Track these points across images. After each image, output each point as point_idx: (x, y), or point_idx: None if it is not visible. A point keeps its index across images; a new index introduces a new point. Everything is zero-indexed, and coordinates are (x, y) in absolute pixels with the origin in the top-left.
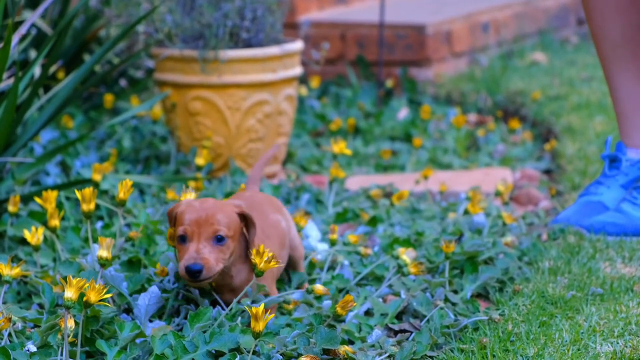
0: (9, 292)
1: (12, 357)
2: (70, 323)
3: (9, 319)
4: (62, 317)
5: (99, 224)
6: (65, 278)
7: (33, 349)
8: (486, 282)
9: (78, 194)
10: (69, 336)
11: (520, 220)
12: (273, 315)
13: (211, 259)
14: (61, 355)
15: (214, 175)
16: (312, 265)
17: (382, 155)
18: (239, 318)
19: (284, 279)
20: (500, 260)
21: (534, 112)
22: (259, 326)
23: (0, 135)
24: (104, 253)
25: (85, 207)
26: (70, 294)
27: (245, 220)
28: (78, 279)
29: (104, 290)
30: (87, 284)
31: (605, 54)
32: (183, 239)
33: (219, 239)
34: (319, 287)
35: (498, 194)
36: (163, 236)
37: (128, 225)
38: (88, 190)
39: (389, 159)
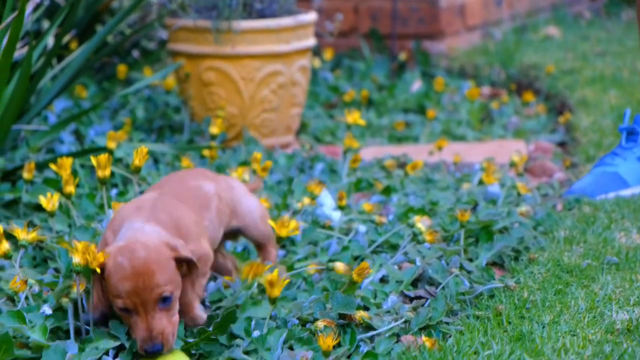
0: (25, 257)
1: (27, 320)
2: (82, 287)
3: (25, 282)
4: (75, 281)
5: (114, 192)
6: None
7: (48, 311)
8: (501, 251)
9: (93, 160)
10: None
11: (535, 191)
12: (288, 281)
13: (167, 329)
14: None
15: (228, 144)
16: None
17: (395, 126)
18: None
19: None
20: (515, 229)
21: (547, 86)
22: (275, 292)
23: (15, 103)
24: None
25: (100, 173)
26: (78, 259)
27: (183, 261)
28: (84, 243)
29: None
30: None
31: None
32: (125, 310)
33: (164, 299)
34: (339, 266)
35: (512, 164)
36: None
37: (141, 194)
38: (103, 157)
39: (402, 130)
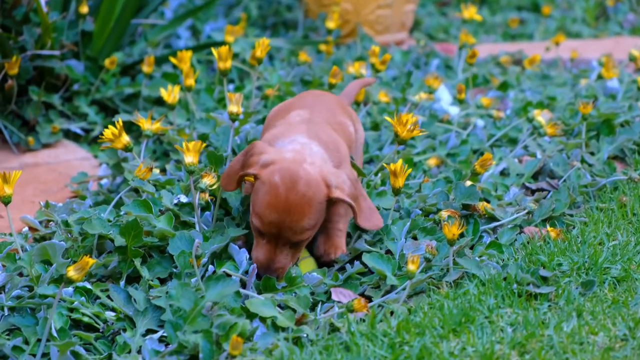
0: (146, 150)
1: (153, 210)
2: (204, 195)
3: (150, 169)
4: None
5: (231, 87)
6: (201, 137)
7: (184, 199)
8: (623, 144)
9: (214, 52)
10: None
11: None
12: (411, 170)
13: (286, 265)
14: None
15: (342, 41)
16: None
17: (509, 24)
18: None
19: None
20: (637, 123)
21: None
22: (399, 182)
23: None
24: (234, 108)
25: (221, 65)
26: (190, 158)
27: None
28: (194, 142)
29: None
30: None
31: None
32: (258, 230)
33: (298, 242)
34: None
35: (632, 59)
36: None
37: (259, 88)
38: (224, 48)
39: (516, 28)
